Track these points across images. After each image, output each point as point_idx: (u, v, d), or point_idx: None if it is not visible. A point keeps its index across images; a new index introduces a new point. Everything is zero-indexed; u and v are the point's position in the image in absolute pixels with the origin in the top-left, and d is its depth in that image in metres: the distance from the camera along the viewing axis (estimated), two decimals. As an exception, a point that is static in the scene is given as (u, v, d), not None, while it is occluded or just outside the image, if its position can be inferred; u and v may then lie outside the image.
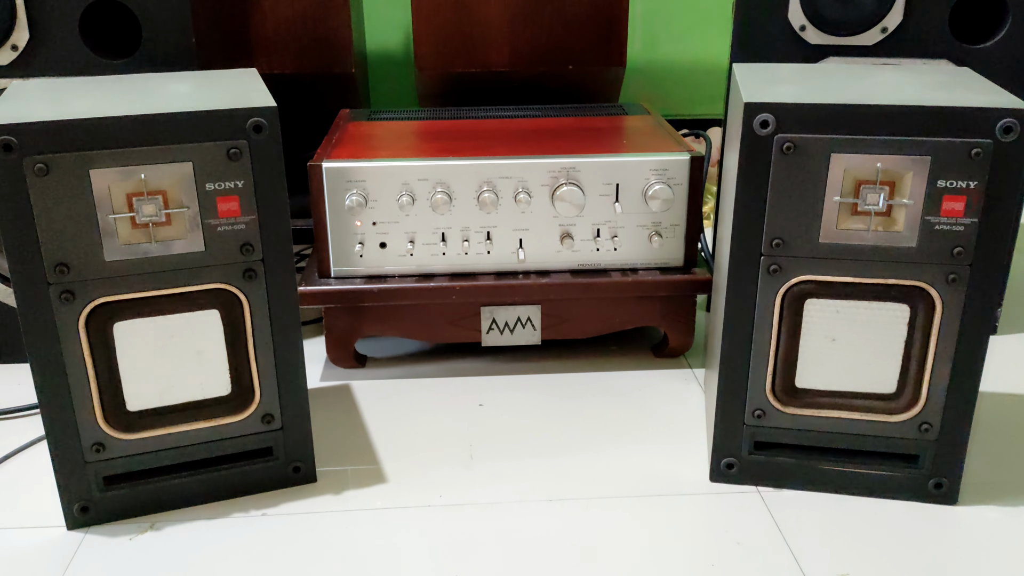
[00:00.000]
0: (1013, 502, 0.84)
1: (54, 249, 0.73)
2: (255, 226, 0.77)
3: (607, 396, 1.04)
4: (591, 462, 0.91)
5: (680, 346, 1.11)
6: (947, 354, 0.78)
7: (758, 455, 0.85)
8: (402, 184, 1.01)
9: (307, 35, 1.35)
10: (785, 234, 0.77)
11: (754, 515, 0.83)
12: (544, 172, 1.02)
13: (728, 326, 0.81)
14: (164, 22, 1.01)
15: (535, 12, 1.34)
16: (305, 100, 1.42)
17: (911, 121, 0.73)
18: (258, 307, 0.79)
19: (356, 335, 1.07)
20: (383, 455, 0.93)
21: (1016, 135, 0.72)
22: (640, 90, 1.94)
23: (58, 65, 1.01)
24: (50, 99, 0.78)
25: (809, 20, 1.06)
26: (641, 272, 1.06)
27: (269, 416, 0.83)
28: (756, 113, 0.74)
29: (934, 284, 0.76)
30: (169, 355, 0.79)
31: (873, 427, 0.82)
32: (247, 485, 0.85)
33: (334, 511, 0.84)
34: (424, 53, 1.35)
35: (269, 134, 0.75)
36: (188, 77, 0.87)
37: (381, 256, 1.04)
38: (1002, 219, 0.74)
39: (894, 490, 0.84)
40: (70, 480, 0.80)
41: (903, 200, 0.75)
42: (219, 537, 0.80)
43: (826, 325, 0.80)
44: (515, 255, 1.05)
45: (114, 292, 0.75)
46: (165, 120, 0.72)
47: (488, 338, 1.08)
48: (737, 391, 0.83)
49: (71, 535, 0.81)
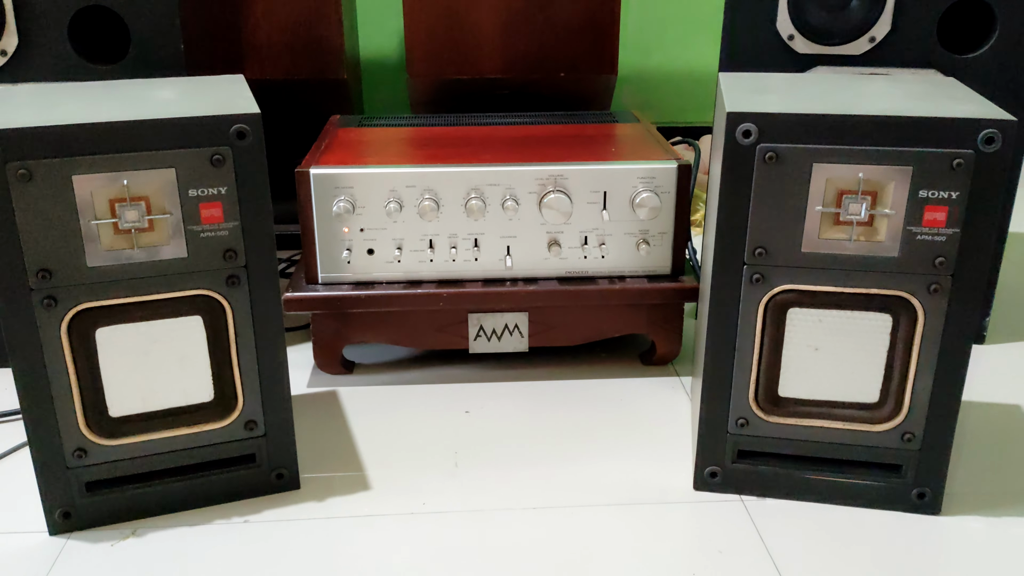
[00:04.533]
0: (997, 512, 0.84)
1: (36, 255, 0.73)
2: (238, 232, 0.77)
3: (594, 404, 1.04)
4: (576, 470, 0.91)
5: (668, 354, 1.11)
6: (930, 364, 0.78)
7: (741, 464, 0.85)
8: (390, 191, 1.01)
9: (299, 41, 1.36)
10: (768, 243, 0.77)
11: (737, 524, 0.82)
12: (532, 179, 1.02)
13: (711, 335, 0.81)
14: (153, 27, 1.02)
15: (527, 19, 1.34)
16: (297, 106, 1.42)
17: (893, 131, 0.73)
18: (241, 313, 0.79)
19: (343, 341, 1.08)
20: (368, 462, 0.93)
21: (998, 145, 0.72)
22: (633, 97, 1.95)
23: (47, 70, 1.01)
24: (35, 104, 0.78)
25: (797, 29, 1.06)
26: (629, 280, 1.06)
27: (252, 423, 0.83)
28: (738, 123, 0.74)
29: (916, 294, 0.76)
30: (152, 361, 0.79)
31: (856, 436, 0.82)
32: (230, 492, 0.85)
33: (317, 518, 0.84)
34: (416, 59, 1.35)
35: (252, 140, 0.75)
36: (174, 83, 0.87)
37: (369, 262, 1.04)
38: (984, 229, 0.74)
39: (877, 500, 0.84)
40: (52, 486, 0.80)
41: (885, 210, 0.75)
42: (201, 544, 0.80)
43: (809, 334, 0.80)
44: (503, 262, 1.05)
45: (96, 298, 0.75)
46: (148, 126, 0.72)
47: (476, 345, 1.08)
48: (720, 400, 0.83)
49: (53, 541, 0.81)
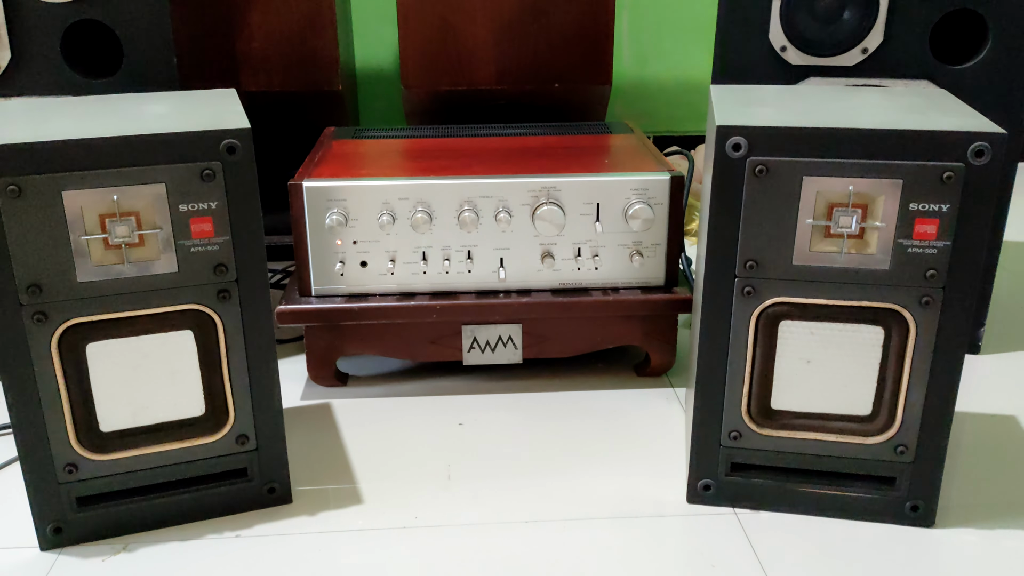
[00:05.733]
0: (991, 525, 0.84)
1: (26, 270, 0.73)
2: (229, 247, 0.77)
3: (588, 416, 1.04)
4: (570, 482, 0.91)
5: (662, 365, 1.11)
6: (922, 376, 0.78)
7: (735, 477, 0.85)
8: (382, 203, 1.01)
9: (294, 53, 1.36)
10: (759, 256, 0.77)
11: (730, 537, 0.82)
12: (524, 191, 1.02)
13: (703, 348, 0.81)
14: (145, 41, 1.02)
15: (521, 31, 1.34)
16: (292, 117, 1.42)
17: (883, 144, 0.73)
18: (232, 328, 0.79)
19: (337, 354, 1.07)
20: (361, 475, 0.93)
21: (988, 158, 0.72)
22: (628, 108, 1.95)
23: (39, 85, 1.02)
24: (26, 120, 0.78)
25: (790, 41, 1.06)
26: (622, 291, 1.06)
27: (243, 437, 0.83)
28: (728, 136, 0.74)
29: (908, 307, 0.76)
30: (142, 376, 0.79)
31: (849, 449, 0.82)
32: (221, 506, 0.85)
33: (309, 532, 0.84)
34: (411, 71, 1.36)
35: (243, 155, 0.75)
36: (166, 98, 0.87)
37: (362, 275, 1.04)
38: (975, 242, 0.74)
39: (870, 512, 0.84)
40: (43, 501, 0.79)
41: (876, 223, 0.75)
42: (192, 559, 0.80)
43: (801, 347, 0.80)
44: (496, 274, 1.05)
45: (87, 313, 0.75)
46: (138, 142, 0.72)
47: (469, 357, 1.08)
48: (713, 412, 0.83)
49: (44, 556, 0.80)
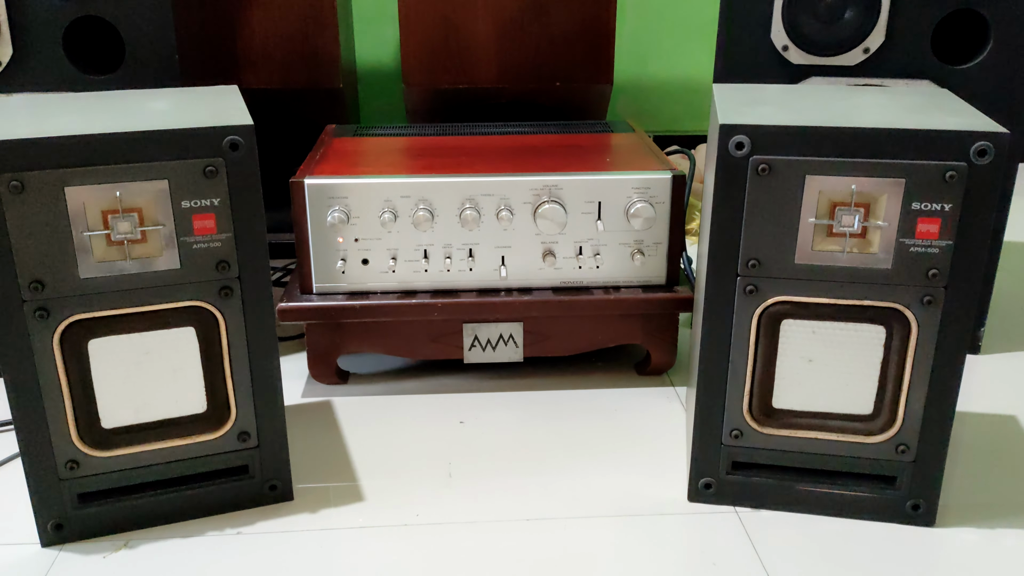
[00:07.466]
0: (992, 524, 0.84)
1: (29, 266, 0.73)
2: (231, 244, 0.77)
3: (589, 414, 1.04)
4: (571, 481, 0.91)
5: (663, 364, 1.11)
6: (923, 375, 0.78)
7: (736, 475, 0.85)
8: (384, 201, 1.01)
9: (295, 50, 1.36)
10: (761, 255, 0.77)
11: (731, 536, 0.82)
12: (526, 190, 1.02)
13: (705, 346, 0.81)
14: (147, 38, 1.02)
15: (523, 29, 1.34)
16: (293, 115, 1.42)
17: (885, 144, 0.73)
18: (234, 325, 0.79)
19: (338, 351, 1.07)
20: (362, 472, 0.93)
21: (990, 158, 0.72)
22: (630, 106, 1.95)
23: (41, 81, 1.02)
24: (28, 116, 0.78)
25: (792, 40, 1.06)
26: (623, 290, 1.06)
27: (245, 434, 0.83)
28: (731, 135, 0.74)
29: (909, 306, 0.76)
30: (144, 372, 0.79)
31: (850, 448, 0.82)
32: (222, 503, 0.85)
33: (310, 530, 0.84)
34: (412, 69, 1.36)
35: (245, 152, 0.75)
36: (168, 94, 0.87)
37: (363, 273, 1.04)
38: (977, 241, 0.74)
39: (871, 511, 0.84)
40: (44, 497, 0.79)
41: (878, 222, 0.75)
42: (193, 556, 0.80)
43: (802, 346, 0.80)
44: (497, 272, 1.05)
45: (89, 309, 0.75)
46: (140, 138, 0.72)
47: (470, 355, 1.08)
48: (714, 411, 0.83)
49: (45, 552, 0.80)
